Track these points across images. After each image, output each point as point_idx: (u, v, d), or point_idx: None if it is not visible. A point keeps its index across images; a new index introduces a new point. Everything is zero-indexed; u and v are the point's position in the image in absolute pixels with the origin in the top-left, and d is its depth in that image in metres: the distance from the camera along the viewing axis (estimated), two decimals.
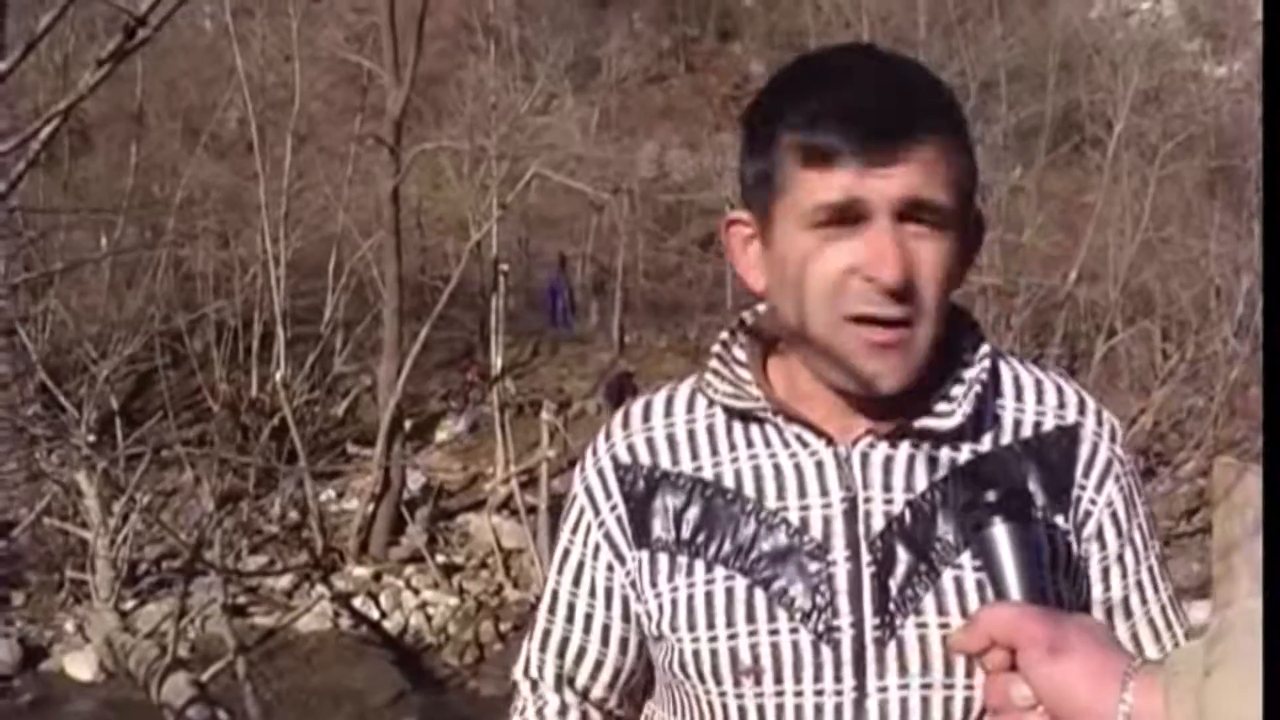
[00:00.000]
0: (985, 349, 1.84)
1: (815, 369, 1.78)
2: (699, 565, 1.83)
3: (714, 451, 1.88)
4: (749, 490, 1.83)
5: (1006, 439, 1.82)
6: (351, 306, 23.24)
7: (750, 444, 1.85)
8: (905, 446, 1.79)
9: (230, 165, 25.82)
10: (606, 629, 1.97)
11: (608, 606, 1.97)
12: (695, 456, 1.89)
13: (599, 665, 1.99)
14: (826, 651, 1.74)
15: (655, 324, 27.17)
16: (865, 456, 1.78)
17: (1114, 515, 1.83)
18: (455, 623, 17.58)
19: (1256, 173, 24.02)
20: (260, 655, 14.61)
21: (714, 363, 1.93)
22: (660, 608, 1.86)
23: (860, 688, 1.74)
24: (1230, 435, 19.38)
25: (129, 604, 16.10)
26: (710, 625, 1.80)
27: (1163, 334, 22.44)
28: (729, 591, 1.80)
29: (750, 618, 1.78)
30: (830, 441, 1.80)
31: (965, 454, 1.80)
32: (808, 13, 32.28)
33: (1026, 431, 1.83)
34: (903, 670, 1.73)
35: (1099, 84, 25.81)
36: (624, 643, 1.97)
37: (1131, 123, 24.32)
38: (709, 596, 1.81)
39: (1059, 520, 1.80)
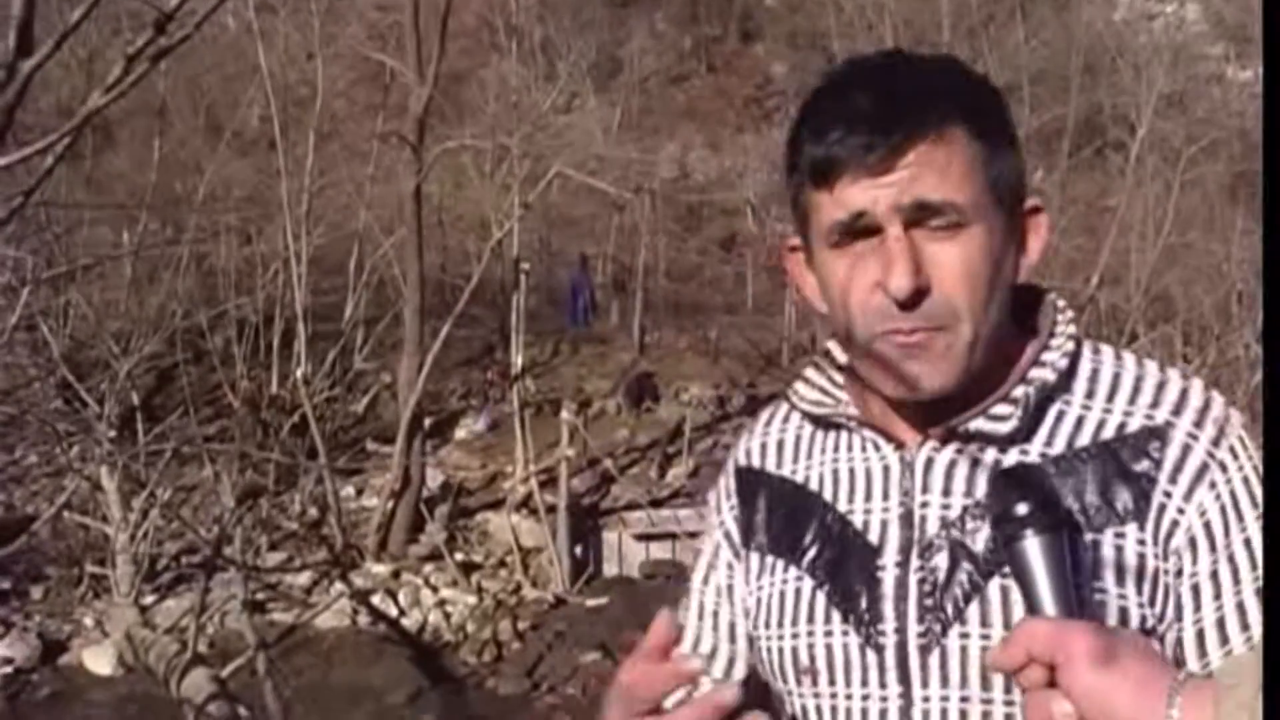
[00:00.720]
0: (1068, 345, 1.76)
1: (871, 382, 1.77)
2: (779, 565, 1.85)
3: (807, 455, 1.89)
4: (827, 494, 1.83)
5: (1083, 441, 1.71)
6: (372, 304, 23.28)
7: (835, 449, 1.85)
8: (970, 451, 1.73)
9: (252, 162, 25.87)
10: (733, 626, 1.98)
11: (730, 604, 1.97)
12: (793, 460, 1.90)
13: (731, 662, 1.99)
14: (872, 656, 1.73)
15: (676, 324, 27.16)
16: (929, 461, 1.75)
17: (1207, 526, 1.65)
18: (474, 621, 17.59)
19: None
20: (279, 652, 14.62)
21: (808, 370, 1.93)
22: (754, 605, 1.88)
23: (906, 695, 1.71)
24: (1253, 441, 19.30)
25: (149, 599, 16.15)
26: (780, 624, 1.82)
27: (1184, 339, 22.36)
28: (798, 592, 1.82)
29: (810, 618, 1.79)
30: (899, 447, 1.78)
31: (1034, 457, 1.71)
32: (830, 14, 32.26)
33: (1108, 433, 1.71)
34: (944, 681, 1.69)
35: (1122, 88, 25.78)
36: (750, 640, 1.96)
37: (1155, 127, 24.26)
38: (783, 596, 1.83)
39: (1131, 529, 1.66)
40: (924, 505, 1.74)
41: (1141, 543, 1.66)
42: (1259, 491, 1.66)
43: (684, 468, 21.36)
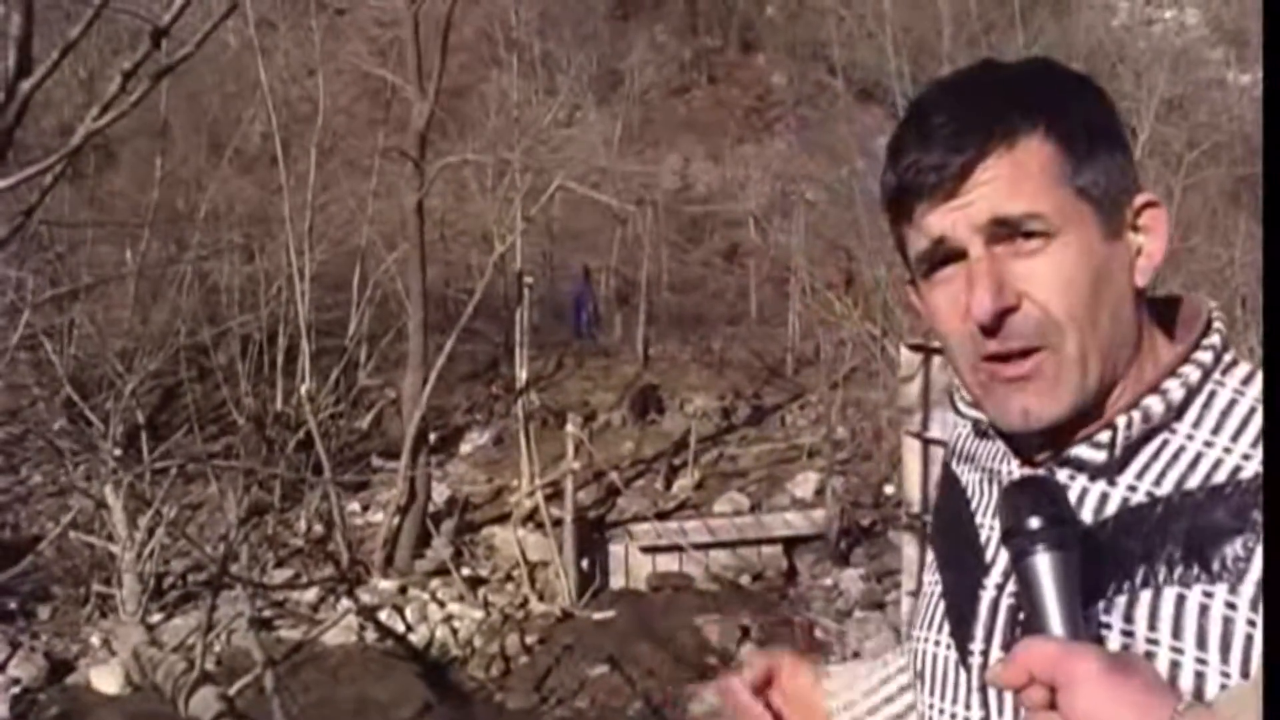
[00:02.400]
0: (1192, 376, 1.63)
1: (987, 412, 1.70)
2: (931, 565, 1.85)
3: (969, 458, 1.84)
4: (973, 501, 1.79)
5: (1194, 483, 1.58)
6: (376, 320, 23.29)
7: (989, 457, 1.78)
8: (1082, 478, 1.64)
9: (254, 179, 25.88)
10: None
11: None
12: (964, 461, 1.86)
13: None
14: (962, 674, 1.70)
15: (679, 336, 27.15)
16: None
17: None
18: (481, 636, 17.58)
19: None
20: (287, 669, 14.60)
21: None
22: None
23: (987, 718, 1.68)
24: None
25: (155, 617, 16.14)
26: (915, 625, 1.82)
27: None
28: (931, 595, 1.81)
29: (929, 624, 1.79)
30: (1025, 462, 1.70)
31: (1140, 495, 1.60)
32: (831, 24, 32.23)
33: (1221, 476, 1.56)
34: (1018, 711, 1.61)
35: (1123, 93, 25.69)
36: None
37: (1156, 131, 24.24)
38: (926, 598, 1.83)
39: (1220, 589, 1.51)
40: (1000, 523, 1.63)
41: (1231, 605, 1.51)
42: None
43: (689, 479, 21.38)
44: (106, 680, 15.57)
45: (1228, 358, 1.66)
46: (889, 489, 20.39)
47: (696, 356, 26.28)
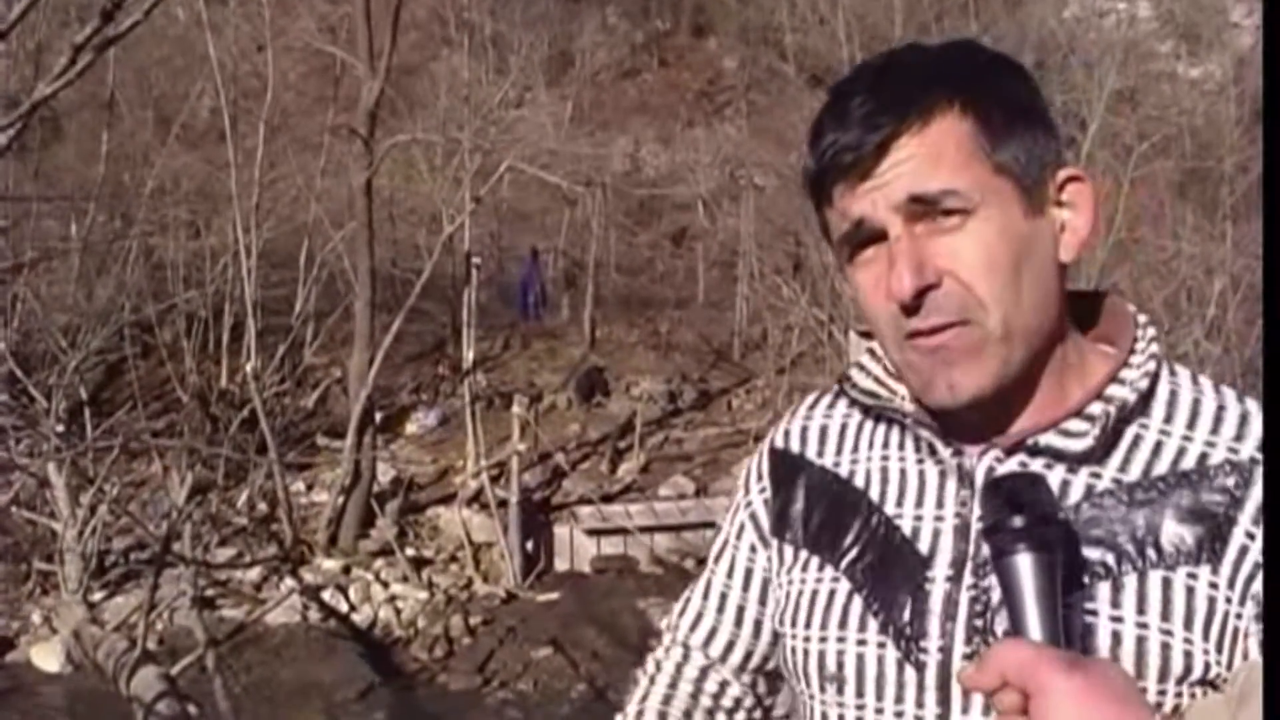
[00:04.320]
0: (1150, 365, 1.66)
1: (914, 393, 1.70)
2: (815, 562, 1.79)
3: (854, 449, 1.82)
4: (874, 492, 1.76)
5: (1161, 469, 1.62)
6: (323, 298, 23.17)
7: (885, 445, 1.79)
8: (1037, 465, 1.64)
9: (202, 155, 25.71)
10: (741, 610, 1.95)
11: (745, 588, 1.94)
12: (837, 451, 1.84)
13: (730, 646, 1.97)
14: (910, 672, 1.66)
15: (626, 318, 27.15)
16: (990, 472, 1.66)
17: None
18: (424, 616, 17.54)
19: (1232, 174, 24.09)
20: (229, 649, 14.56)
21: (864, 357, 1.86)
22: (781, 600, 1.83)
23: (944, 717, 1.64)
24: None
25: (97, 596, 16.02)
26: (808, 625, 1.76)
27: None
28: (831, 594, 1.75)
29: (843, 623, 1.72)
30: (958, 452, 1.69)
31: (1106, 481, 1.62)
32: (783, 9, 32.30)
33: (1188, 463, 1.61)
34: (987, 707, 1.58)
35: (1073, 84, 25.79)
36: (757, 626, 1.94)
37: (1106, 123, 24.32)
38: (814, 595, 1.77)
39: (1204, 570, 1.56)
40: (982, 518, 1.61)
41: (1214, 585, 1.57)
42: None
43: (635, 463, 21.37)
44: (47, 658, 15.48)
45: (1165, 361, 1.70)
46: None
47: (643, 339, 26.29)
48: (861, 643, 1.70)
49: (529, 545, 18.96)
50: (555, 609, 17.29)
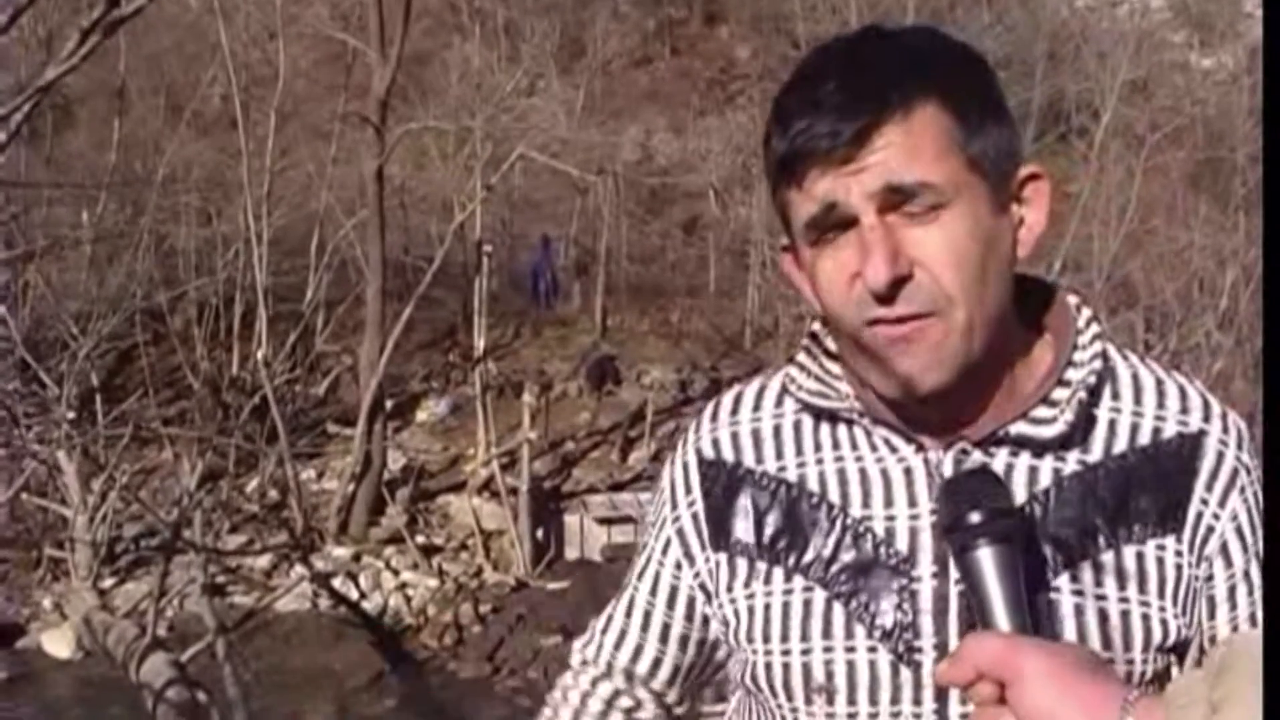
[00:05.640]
0: (1097, 346, 1.70)
1: (868, 380, 1.69)
2: (778, 573, 1.75)
3: (799, 451, 1.78)
4: (834, 496, 1.73)
5: (1120, 447, 1.68)
6: (334, 286, 23.20)
7: (836, 445, 1.75)
8: (1003, 455, 1.67)
9: (213, 142, 25.75)
10: (666, 627, 1.91)
11: (670, 605, 1.90)
12: (780, 455, 1.79)
13: (657, 663, 1.94)
14: (906, 673, 1.65)
15: (637, 307, 27.11)
16: (958, 465, 1.66)
17: (1239, 529, 1.66)
18: (434, 604, 17.56)
19: (1245, 165, 24.03)
20: (239, 636, 14.54)
21: (801, 356, 1.84)
22: (737, 614, 1.78)
23: (941, 712, 1.64)
24: None
25: (108, 582, 16.08)
26: (785, 638, 1.72)
27: (1146, 325, 22.40)
28: (806, 604, 1.72)
29: (826, 633, 1.70)
30: (920, 448, 1.69)
31: (1071, 464, 1.66)
32: None
33: (1144, 438, 1.68)
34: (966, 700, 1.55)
35: (1086, 74, 25.80)
36: (684, 640, 1.91)
37: (1118, 113, 24.29)
38: (786, 607, 1.73)
39: (1170, 540, 1.65)
40: (937, 516, 1.64)
41: (1179, 554, 1.66)
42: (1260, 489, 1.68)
43: (646, 451, 21.34)
44: (58, 644, 15.51)
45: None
46: None
47: (655, 328, 26.26)
48: (850, 649, 1.68)
49: (539, 533, 18.96)
50: (565, 597, 17.26)
